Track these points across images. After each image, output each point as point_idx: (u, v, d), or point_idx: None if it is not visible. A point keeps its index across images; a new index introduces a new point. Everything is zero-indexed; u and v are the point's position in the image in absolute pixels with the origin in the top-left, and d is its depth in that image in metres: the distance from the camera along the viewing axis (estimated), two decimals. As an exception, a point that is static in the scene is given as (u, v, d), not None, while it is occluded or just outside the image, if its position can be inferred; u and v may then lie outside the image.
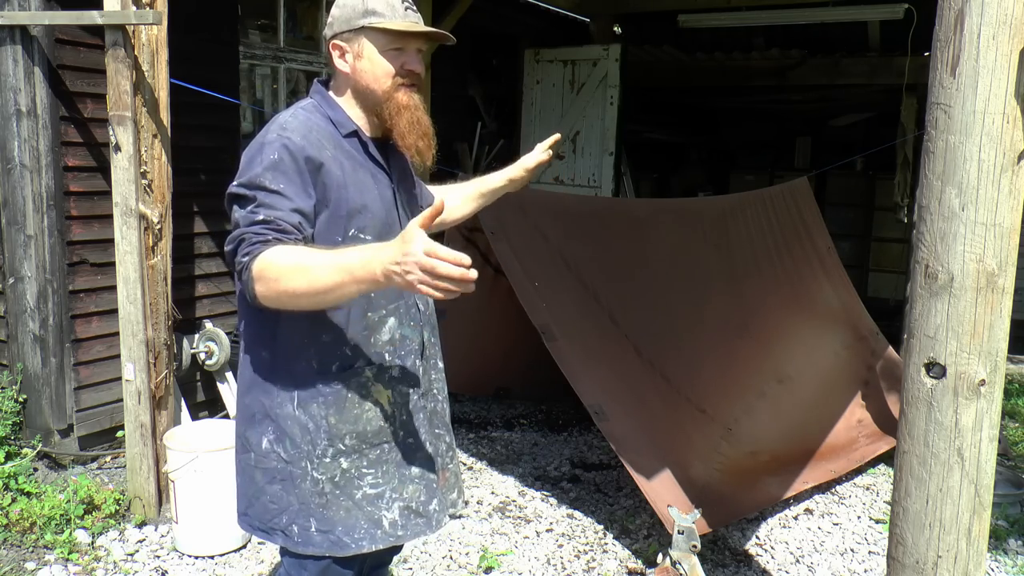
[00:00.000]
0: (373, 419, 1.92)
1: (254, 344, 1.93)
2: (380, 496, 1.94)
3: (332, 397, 1.89)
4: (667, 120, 9.40)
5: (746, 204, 4.93)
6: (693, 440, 3.75)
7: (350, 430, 1.91)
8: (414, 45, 1.91)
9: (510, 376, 5.27)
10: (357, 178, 1.87)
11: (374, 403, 1.92)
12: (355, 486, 1.92)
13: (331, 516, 1.91)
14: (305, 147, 1.79)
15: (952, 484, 1.74)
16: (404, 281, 1.51)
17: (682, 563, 3.05)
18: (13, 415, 3.92)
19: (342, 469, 1.91)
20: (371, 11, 1.87)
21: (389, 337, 1.92)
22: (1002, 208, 1.66)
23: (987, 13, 1.60)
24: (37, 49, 3.75)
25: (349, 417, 1.90)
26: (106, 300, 4.08)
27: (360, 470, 1.92)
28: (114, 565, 3.28)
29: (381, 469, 1.94)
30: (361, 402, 1.90)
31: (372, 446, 1.93)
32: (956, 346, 1.70)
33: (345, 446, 1.91)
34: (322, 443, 1.90)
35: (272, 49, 5.15)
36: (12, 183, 3.83)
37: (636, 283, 4.18)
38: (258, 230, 1.70)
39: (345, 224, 1.84)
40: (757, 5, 6.19)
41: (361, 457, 1.92)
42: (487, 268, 4.86)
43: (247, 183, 1.76)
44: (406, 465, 1.97)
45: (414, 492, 1.98)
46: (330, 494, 1.91)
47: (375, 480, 1.93)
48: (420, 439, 1.99)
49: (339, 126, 1.90)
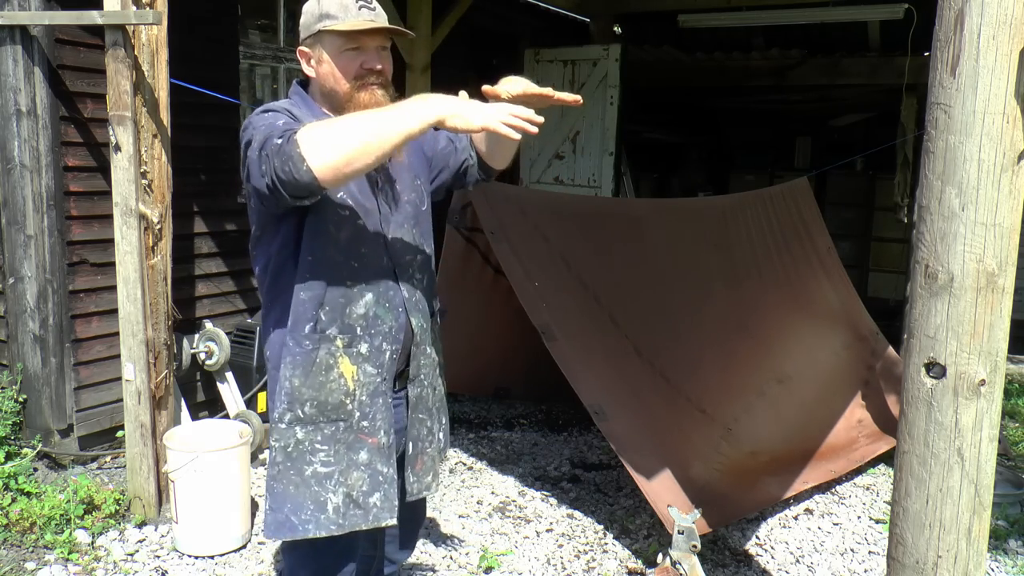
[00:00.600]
0: (335, 391, 1.92)
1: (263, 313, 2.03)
2: (329, 476, 1.93)
3: (300, 358, 1.90)
4: (667, 120, 9.39)
5: (746, 204, 4.93)
6: (693, 440, 3.74)
7: (312, 396, 1.91)
8: (373, 43, 1.93)
9: (510, 376, 5.27)
10: None
11: (339, 375, 1.92)
12: (306, 461, 1.92)
13: (281, 491, 1.92)
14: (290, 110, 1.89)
15: (952, 484, 1.74)
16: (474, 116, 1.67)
17: (682, 563, 3.05)
18: (13, 415, 3.92)
19: (296, 439, 1.92)
20: (325, 15, 1.91)
21: (363, 311, 1.94)
22: (1002, 208, 1.66)
23: (987, 13, 1.60)
24: (37, 49, 3.76)
25: (314, 382, 1.91)
26: (106, 300, 4.08)
27: (314, 444, 1.92)
28: (114, 565, 3.28)
29: (334, 448, 1.93)
30: (328, 370, 1.92)
31: (329, 421, 1.93)
32: (956, 346, 1.70)
33: (304, 414, 1.91)
34: (281, 406, 1.91)
35: (272, 49, 5.15)
36: (12, 183, 3.83)
37: (636, 283, 4.18)
38: (285, 128, 1.75)
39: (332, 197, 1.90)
40: (757, 5, 6.19)
41: (317, 430, 1.92)
42: (487, 268, 4.87)
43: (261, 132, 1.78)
44: (355, 450, 1.95)
45: (357, 480, 1.95)
46: (281, 465, 1.92)
47: (327, 458, 1.93)
48: (376, 425, 1.97)
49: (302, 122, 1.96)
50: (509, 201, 4.13)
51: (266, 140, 1.74)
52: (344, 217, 1.90)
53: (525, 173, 7.17)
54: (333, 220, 1.89)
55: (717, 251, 4.61)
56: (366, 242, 1.94)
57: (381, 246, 1.97)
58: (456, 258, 4.77)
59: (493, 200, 4.06)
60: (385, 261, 1.97)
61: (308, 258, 1.89)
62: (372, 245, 1.95)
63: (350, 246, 1.91)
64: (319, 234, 1.88)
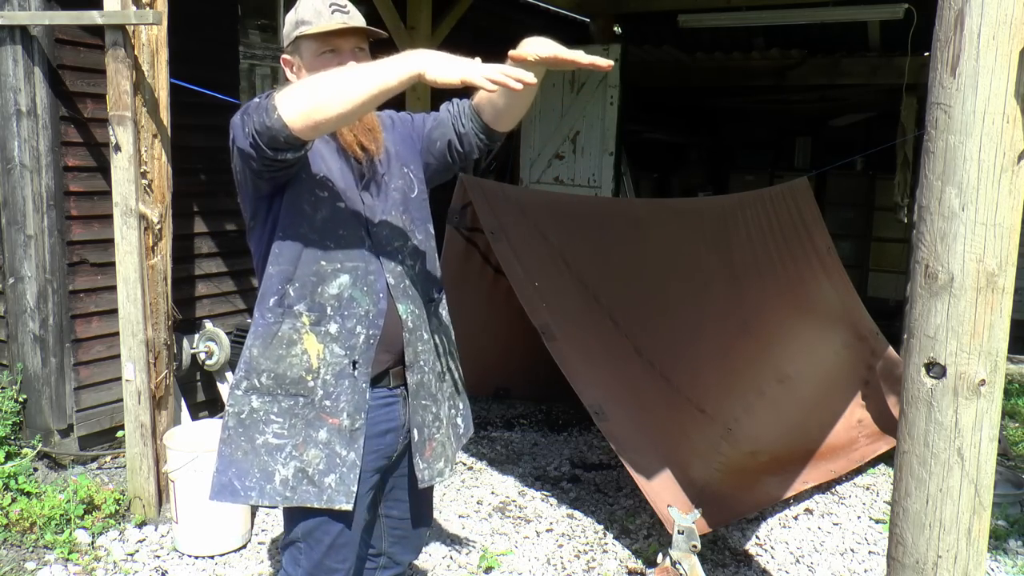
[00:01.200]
0: (296, 366, 1.93)
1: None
2: (280, 448, 1.94)
3: (262, 329, 1.93)
4: (667, 120, 9.39)
5: (746, 204, 4.93)
6: (693, 440, 3.74)
7: (270, 368, 1.93)
8: (348, 45, 1.94)
9: (510, 376, 5.27)
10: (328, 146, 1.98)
11: (302, 351, 1.93)
12: (259, 430, 1.94)
13: (228, 455, 1.94)
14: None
15: (952, 484, 1.74)
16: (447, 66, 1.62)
17: (682, 563, 3.05)
18: (13, 415, 3.92)
19: (252, 407, 1.94)
20: (300, 21, 1.94)
21: (337, 292, 1.94)
22: (1002, 208, 1.66)
23: (987, 13, 1.60)
24: (37, 49, 3.76)
25: (272, 355, 1.93)
26: (106, 300, 4.08)
27: (269, 415, 1.94)
28: (114, 565, 3.28)
29: (289, 421, 1.94)
30: (289, 345, 1.93)
31: (288, 395, 1.94)
32: (956, 346, 1.70)
33: (260, 384, 1.93)
34: (239, 373, 1.95)
35: (272, 49, 5.15)
36: (12, 183, 3.83)
37: (636, 283, 4.18)
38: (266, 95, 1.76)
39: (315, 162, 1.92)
40: (757, 5, 6.19)
41: (274, 401, 1.94)
42: (487, 268, 4.87)
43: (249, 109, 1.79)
44: (316, 427, 1.95)
45: (314, 458, 1.94)
46: (232, 430, 1.95)
47: (280, 430, 1.94)
48: (339, 407, 1.95)
49: None
50: (509, 201, 4.13)
51: (248, 104, 1.80)
52: (322, 198, 1.92)
53: (525, 173, 7.17)
54: (309, 200, 1.91)
55: (717, 251, 4.61)
56: (345, 225, 1.95)
57: (363, 231, 1.97)
58: (456, 258, 4.77)
59: (493, 200, 4.06)
60: (367, 246, 1.97)
61: (279, 234, 1.92)
62: (351, 228, 1.96)
63: (326, 226, 1.92)
64: (293, 212, 1.91)
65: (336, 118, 1.71)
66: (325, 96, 1.68)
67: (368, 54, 2.00)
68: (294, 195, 1.90)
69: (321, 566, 2.01)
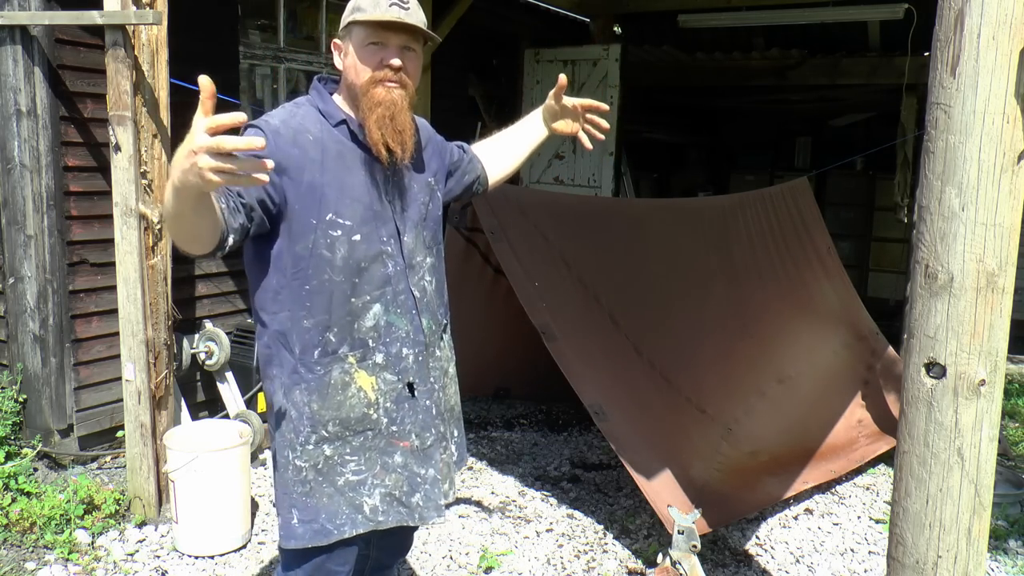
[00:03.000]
0: (356, 405, 1.94)
1: (258, 334, 1.99)
2: (362, 483, 1.96)
3: (315, 383, 1.91)
4: (667, 120, 9.39)
5: (746, 204, 4.93)
6: (693, 440, 3.74)
7: (333, 416, 1.92)
8: (396, 41, 1.90)
9: (510, 376, 5.27)
10: (343, 162, 1.91)
11: (357, 389, 1.94)
12: (338, 472, 1.94)
13: (314, 504, 1.93)
14: (279, 127, 1.86)
15: (952, 484, 1.74)
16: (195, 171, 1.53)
17: (682, 563, 3.05)
18: (13, 415, 3.92)
19: (325, 456, 1.93)
20: (356, 7, 1.91)
21: (373, 323, 1.94)
22: (1002, 208, 1.66)
23: (987, 13, 1.60)
24: (37, 49, 3.75)
25: (332, 403, 1.92)
26: (106, 300, 4.08)
27: (343, 457, 1.94)
28: (114, 565, 3.28)
29: (364, 456, 1.96)
30: (344, 388, 1.92)
31: (356, 433, 1.95)
32: (956, 346, 1.70)
33: (328, 432, 1.93)
34: (305, 430, 1.92)
35: (272, 49, 5.15)
36: (12, 183, 3.83)
37: (636, 283, 4.18)
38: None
39: (320, 207, 1.87)
40: (757, 5, 6.19)
41: (344, 444, 1.94)
42: (487, 268, 4.87)
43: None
44: (389, 453, 1.98)
45: (396, 481, 1.98)
46: (313, 481, 1.94)
47: (358, 467, 1.95)
48: (406, 429, 1.99)
49: (328, 116, 1.95)
50: (509, 201, 4.13)
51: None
52: (337, 238, 1.88)
53: (525, 173, 7.17)
54: (325, 244, 1.87)
55: (717, 251, 4.61)
56: (365, 255, 1.91)
57: (386, 252, 1.95)
58: (456, 258, 4.77)
59: (493, 200, 4.06)
60: (391, 267, 1.95)
61: (306, 287, 1.88)
62: (372, 255, 1.92)
63: (347, 264, 1.89)
64: (314, 260, 1.87)
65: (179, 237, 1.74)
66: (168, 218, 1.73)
67: (420, 57, 1.97)
68: (308, 244, 1.86)
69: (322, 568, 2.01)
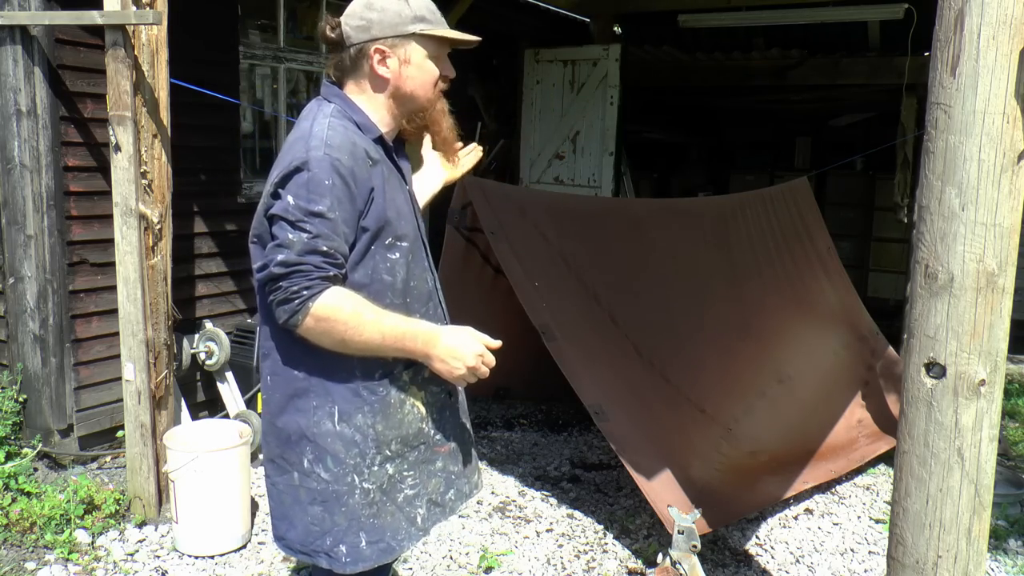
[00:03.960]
0: (412, 421, 1.96)
1: (285, 364, 1.88)
2: (417, 496, 2.00)
3: (378, 404, 1.90)
4: (667, 120, 9.39)
5: (746, 204, 4.93)
6: (693, 440, 3.74)
7: (396, 435, 1.94)
8: (447, 51, 1.96)
9: (510, 376, 5.26)
10: (392, 185, 1.90)
11: (412, 406, 1.96)
12: (398, 489, 1.97)
13: (381, 523, 1.94)
14: (354, 168, 1.78)
15: (952, 484, 1.74)
16: (447, 368, 1.82)
17: (682, 563, 3.05)
18: (13, 415, 3.92)
19: (388, 475, 1.94)
20: (420, 18, 1.87)
21: None
22: (1002, 208, 1.66)
23: (987, 13, 1.60)
24: (37, 49, 3.75)
25: (394, 422, 1.93)
26: (106, 300, 4.08)
27: (402, 473, 1.97)
28: (114, 565, 3.28)
29: (417, 469, 1.99)
30: (401, 406, 1.94)
31: (412, 448, 1.97)
32: (956, 346, 1.70)
33: (391, 451, 1.94)
34: (371, 452, 1.90)
35: (272, 49, 5.15)
36: (12, 183, 3.83)
37: (636, 283, 4.18)
38: (318, 262, 1.71)
39: (384, 234, 1.85)
40: (757, 5, 6.19)
41: (403, 460, 1.96)
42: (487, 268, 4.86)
43: (302, 209, 1.71)
44: (432, 461, 2.02)
45: (436, 485, 2.03)
46: (379, 502, 1.93)
47: (414, 481, 1.99)
48: (447, 434, 2.04)
49: (365, 130, 1.88)
50: (509, 201, 4.13)
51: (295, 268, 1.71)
52: (396, 261, 1.88)
53: (525, 173, 7.17)
54: (386, 268, 1.86)
55: (717, 251, 4.61)
56: (414, 274, 1.94)
57: (425, 267, 2.00)
58: (456, 258, 4.77)
59: (493, 200, 4.06)
60: (430, 282, 2.01)
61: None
62: (419, 272, 1.96)
63: (405, 286, 1.91)
64: (376, 285, 1.85)
65: (333, 348, 1.79)
66: (347, 339, 1.76)
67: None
68: (369, 270, 1.84)
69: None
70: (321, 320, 1.72)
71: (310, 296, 1.70)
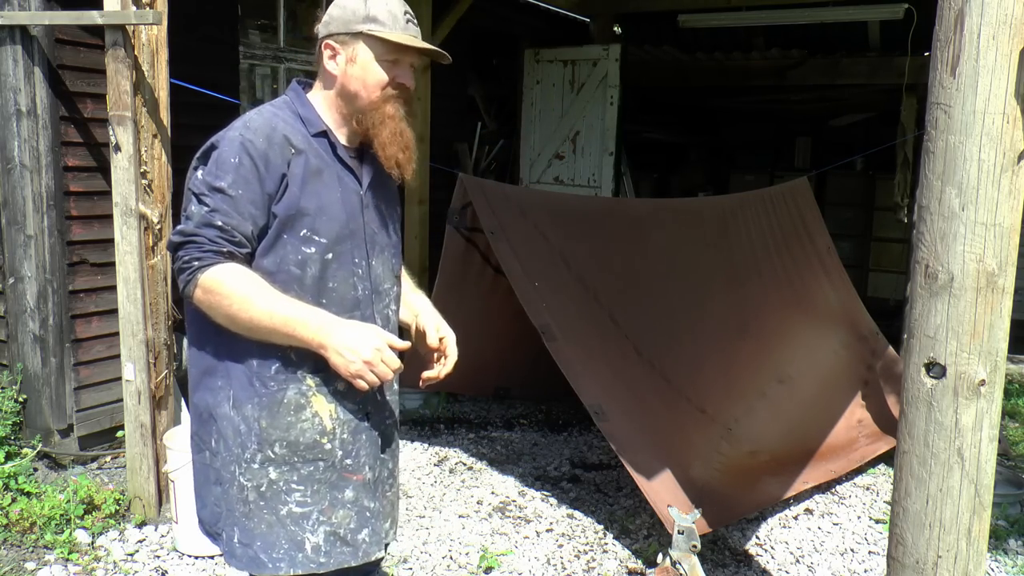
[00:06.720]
0: (308, 431, 1.85)
1: (198, 340, 1.89)
2: (306, 516, 1.87)
3: (267, 399, 1.83)
4: (667, 120, 9.39)
5: (746, 204, 4.93)
6: (693, 440, 3.74)
7: (280, 437, 1.84)
8: (408, 59, 1.91)
9: (510, 376, 5.27)
10: (320, 178, 1.85)
11: (312, 415, 1.85)
12: (281, 500, 1.86)
13: (252, 528, 1.85)
14: (267, 152, 1.77)
15: (952, 484, 1.74)
16: (343, 363, 1.71)
17: (682, 563, 3.05)
18: (13, 415, 3.92)
19: (270, 479, 1.85)
20: (372, 18, 1.85)
21: None
22: (1002, 208, 1.66)
23: (987, 13, 1.61)
24: (37, 49, 3.75)
25: (281, 423, 1.84)
26: (106, 300, 4.08)
27: (289, 484, 1.86)
28: (114, 565, 3.28)
29: (312, 488, 1.87)
30: (297, 411, 1.84)
31: (305, 461, 1.86)
32: (956, 346, 1.70)
33: (275, 454, 1.84)
34: (251, 447, 1.84)
35: (272, 49, 5.15)
36: (12, 183, 3.83)
37: (636, 283, 4.18)
38: (212, 236, 1.73)
39: (297, 224, 1.81)
40: (757, 5, 6.20)
41: (292, 471, 1.86)
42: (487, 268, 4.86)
43: (207, 184, 1.75)
44: (340, 488, 1.89)
45: (344, 518, 1.90)
46: (253, 504, 1.85)
47: (303, 498, 1.86)
48: (360, 462, 1.91)
49: (308, 124, 1.88)
50: (509, 201, 4.13)
51: (190, 239, 1.74)
52: (308, 255, 1.82)
53: (525, 173, 7.17)
54: (295, 261, 1.81)
55: (717, 251, 4.61)
56: (335, 276, 1.86)
57: (356, 274, 1.90)
58: (456, 258, 4.76)
59: (493, 200, 4.06)
60: (360, 290, 1.90)
61: None
62: (343, 278, 1.87)
63: (316, 285, 1.83)
64: (282, 276, 1.80)
65: (225, 324, 1.76)
66: (233, 315, 1.72)
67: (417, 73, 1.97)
68: (277, 259, 1.80)
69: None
70: (208, 292, 1.72)
71: (200, 267, 1.72)
